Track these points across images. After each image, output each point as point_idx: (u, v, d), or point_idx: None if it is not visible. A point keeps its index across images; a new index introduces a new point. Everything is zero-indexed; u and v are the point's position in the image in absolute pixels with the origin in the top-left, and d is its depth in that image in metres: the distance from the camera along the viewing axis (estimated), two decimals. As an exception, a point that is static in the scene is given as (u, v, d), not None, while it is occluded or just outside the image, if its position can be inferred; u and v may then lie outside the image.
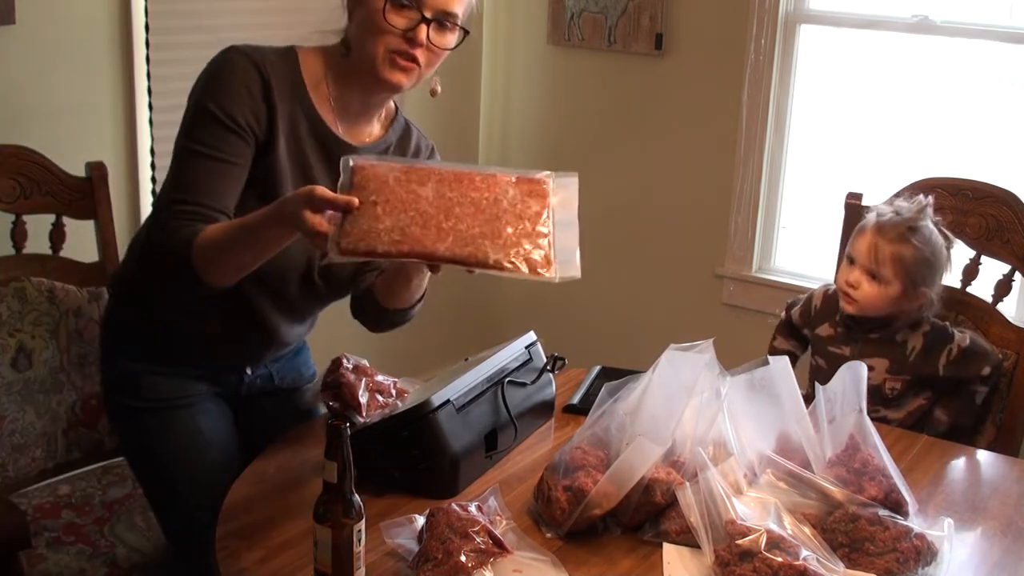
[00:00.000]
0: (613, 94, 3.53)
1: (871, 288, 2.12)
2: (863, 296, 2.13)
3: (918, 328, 2.14)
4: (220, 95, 1.69)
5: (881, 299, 2.12)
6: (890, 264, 2.10)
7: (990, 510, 1.74)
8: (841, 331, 2.21)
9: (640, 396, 1.65)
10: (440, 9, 1.71)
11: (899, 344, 2.14)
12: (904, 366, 2.13)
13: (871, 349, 2.15)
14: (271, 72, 1.74)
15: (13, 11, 2.31)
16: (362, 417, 1.79)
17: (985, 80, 2.99)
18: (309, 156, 1.79)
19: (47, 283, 2.20)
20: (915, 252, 2.10)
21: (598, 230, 3.65)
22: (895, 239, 2.11)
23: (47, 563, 1.97)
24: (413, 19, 1.70)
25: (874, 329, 2.16)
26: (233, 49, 1.74)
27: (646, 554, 1.56)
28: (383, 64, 1.72)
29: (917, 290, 2.11)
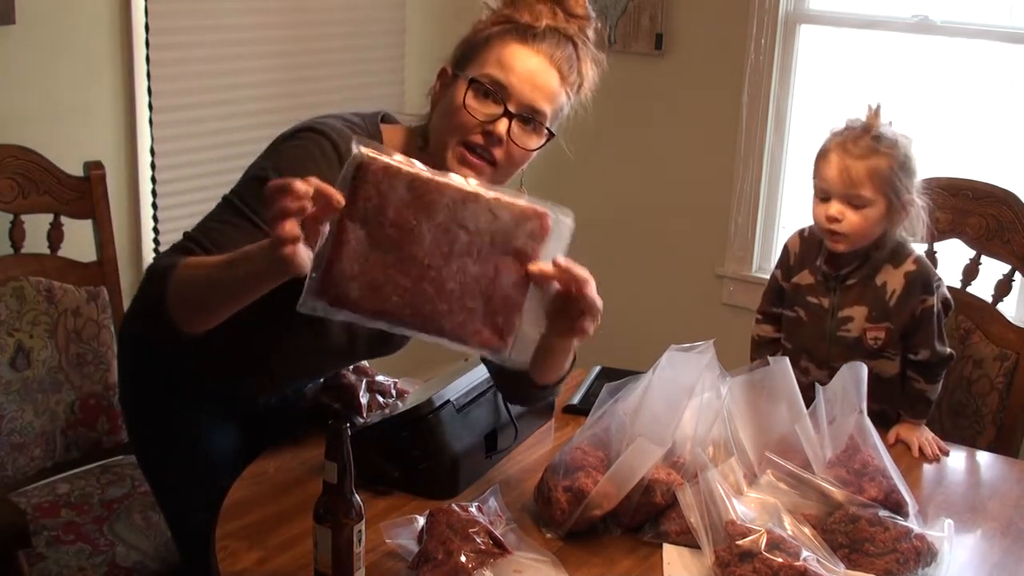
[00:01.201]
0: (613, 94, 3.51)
1: (856, 216, 1.93)
2: (849, 227, 1.93)
3: (899, 264, 1.98)
4: (287, 169, 1.47)
5: (869, 224, 1.94)
6: (868, 182, 1.91)
7: (990, 511, 1.74)
8: (820, 278, 2.04)
9: (640, 397, 1.65)
10: (527, 104, 1.58)
11: (879, 288, 1.98)
12: (884, 312, 1.98)
13: (850, 297, 2.00)
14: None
15: (13, 11, 2.30)
16: (362, 417, 1.80)
17: (985, 80, 2.99)
18: None
19: (45, 282, 2.20)
20: (889, 160, 1.92)
21: (598, 230, 3.65)
22: (865, 153, 1.93)
23: (46, 562, 1.97)
24: (495, 112, 1.56)
25: (852, 273, 1.99)
26: (323, 131, 1.58)
27: (646, 554, 1.55)
28: (454, 159, 1.57)
29: (902, 200, 1.94)
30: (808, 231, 2.10)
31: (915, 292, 1.97)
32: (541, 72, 1.59)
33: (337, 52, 3.14)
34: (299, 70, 3.00)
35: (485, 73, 1.57)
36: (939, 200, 2.30)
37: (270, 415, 1.92)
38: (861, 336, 2.00)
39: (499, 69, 1.57)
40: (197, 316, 1.45)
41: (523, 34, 1.59)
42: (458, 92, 1.58)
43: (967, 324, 2.27)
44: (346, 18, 3.16)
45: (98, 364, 2.24)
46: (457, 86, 1.59)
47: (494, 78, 1.57)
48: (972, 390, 2.24)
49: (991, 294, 2.29)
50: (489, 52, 1.59)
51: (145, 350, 1.84)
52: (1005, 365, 2.21)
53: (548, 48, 1.60)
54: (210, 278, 1.42)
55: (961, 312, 2.28)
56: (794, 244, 2.11)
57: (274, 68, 2.96)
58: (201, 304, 1.44)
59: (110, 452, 2.29)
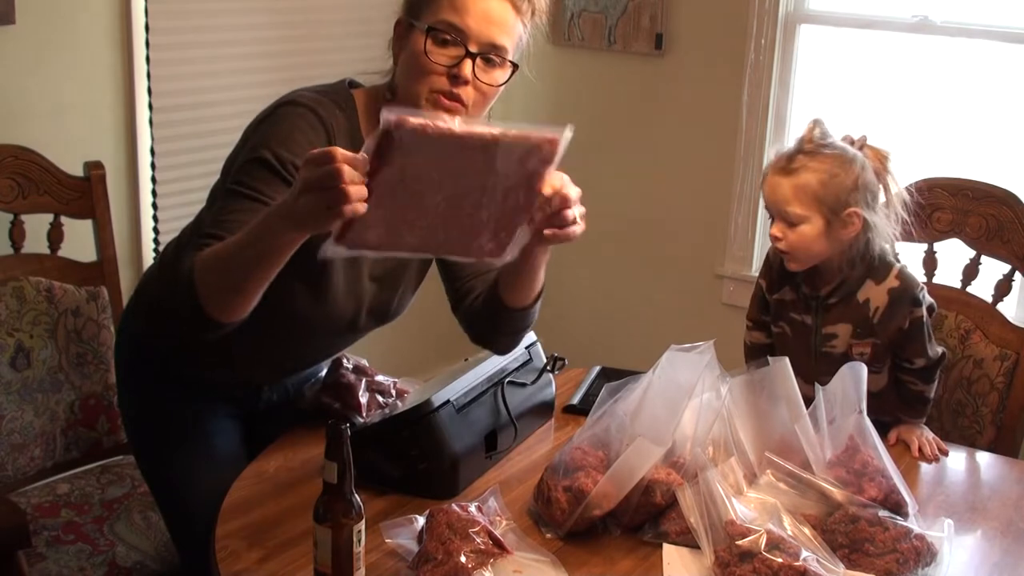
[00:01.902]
0: (613, 94, 3.53)
1: (794, 234, 1.90)
2: (791, 246, 1.91)
3: (883, 281, 1.94)
4: (279, 145, 1.57)
5: (807, 241, 1.90)
6: (795, 199, 1.88)
7: (990, 511, 1.74)
8: (801, 296, 2.01)
9: (640, 397, 1.65)
10: (487, 42, 1.59)
11: (861, 305, 1.94)
12: (868, 328, 1.95)
13: (833, 315, 1.97)
14: (335, 126, 1.63)
15: (13, 11, 2.30)
16: (362, 417, 1.80)
17: (985, 80, 2.98)
18: None
19: (45, 282, 2.20)
20: (817, 175, 1.88)
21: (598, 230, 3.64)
22: (790, 170, 1.89)
23: (46, 562, 1.97)
24: (457, 55, 1.58)
25: (832, 293, 1.96)
26: (300, 103, 1.62)
27: (646, 555, 1.55)
28: (428, 107, 1.60)
29: (843, 215, 1.88)
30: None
31: (902, 307, 1.94)
32: (495, 8, 1.60)
33: (337, 52, 3.14)
34: (298, 69, 3.00)
35: (440, 19, 1.58)
36: (939, 200, 2.31)
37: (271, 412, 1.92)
38: (847, 352, 1.97)
39: (453, 13, 1.58)
40: (232, 302, 1.45)
41: None
42: (417, 42, 1.60)
43: (967, 324, 2.27)
44: (346, 18, 3.16)
45: (98, 364, 2.24)
46: (414, 36, 1.61)
47: (450, 22, 1.58)
48: (972, 390, 2.24)
49: (991, 294, 2.29)
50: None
51: (145, 348, 1.84)
52: (1005, 365, 2.21)
53: None
54: (236, 258, 1.43)
55: (961, 312, 2.28)
56: (774, 257, 2.06)
57: (274, 68, 2.96)
58: (234, 288, 1.44)
59: (110, 452, 2.29)
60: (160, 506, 1.92)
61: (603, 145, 3.57)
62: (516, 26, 1.64)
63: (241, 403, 1.88)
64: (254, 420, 1.90)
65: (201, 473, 1.81)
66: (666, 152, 3.46)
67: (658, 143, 3.47)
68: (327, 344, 1.83)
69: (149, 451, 1.88)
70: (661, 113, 3.44)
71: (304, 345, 1.80)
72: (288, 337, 1.74)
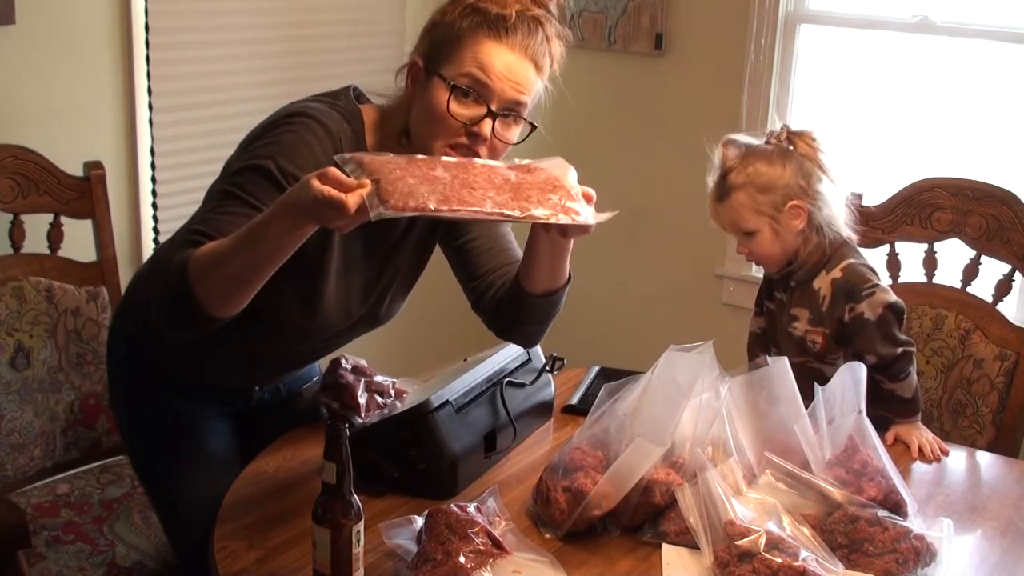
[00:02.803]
0: (613, 94, 3.53)
1: (753, 244, 2.03)
2: (757, 257, 2.05)
3: (831, 272, 2.00)
4: (284, 157, 1.54)
5: (767, 246, 2.02)
6: (738, 218, 2.01)
7: (989, 511, 1.74)
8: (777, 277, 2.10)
9: (640, 397, 1.65)
10: (508, 101, 1.59)
11: (815, 292, 2.02)
12: (818, 317, 2.02)
13: (795, 298, 2.05)
14: (343, 139, 1.61)
15: (13, 11, 2.30)
16: (361, 418, 1.79)
17: (985, 80, 2.98)
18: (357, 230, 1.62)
19: (45, 282, 2.20)
20: (746, 191, 1.99)
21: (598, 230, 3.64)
22: (722, 197, 2.02)
23: (46, 562, 1.97)
24: (478, 113, 1.57)
25: (792, 276, 2.05)
26: (311, 114, 1.60)
27: (645, 555, 1.55)
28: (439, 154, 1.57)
29: (784, 210, 1.97)
30: None
31: (839, 300, 1.99)
32: (518, 67, 1.59)
33: (337, 52, 3.14)
34: (299, 70, 3.00)
35: (464, 74, 1.57)
36: (939, 200, 2.31)
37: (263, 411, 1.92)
38: (804, 336, 2.05)
39: (478, 69, 1.57)
40: (230, 296, 1.44)
41: (496, 28, 1.58)
42: (438, 95, 1.57)
43: (967, 324, 2.27)
44: (346, 18, 3.16)
45: (98, 364, 2.24)
46: (435, 88, 1.58)
47: (475, 79, 1.56)
48: (972, 390, 2.24)
49: (991, 294, 2.29)
50: (464, 50, 1.58)
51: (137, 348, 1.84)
52: (1005, 365, 2.21)
53: (522, 40, 1.60)
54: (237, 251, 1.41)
55: (961, 312, 2.28)
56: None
57: (274, 68, 2.96)
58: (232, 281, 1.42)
59: (110, 452, 2.29)
60: (155, 507, 1.93)
61: (603, 145, 3.56)
62: (536, 84, 1.63)
63: (233, 403, 1.88)
64: (246, 419, 1.91)
65: (194, 473, 1.81)
66: (666, 152, 3.46)
67: (658, 143, 3.47)
68: (319, 347, 1.83)
69: (142, 452, 1.88)
70: (661, 113, 3.44)
71: (296, 347, 1.80)
72: (280, 340, 1.74)
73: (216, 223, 1.49)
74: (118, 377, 1.90)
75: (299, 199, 1.33)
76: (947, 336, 2.27)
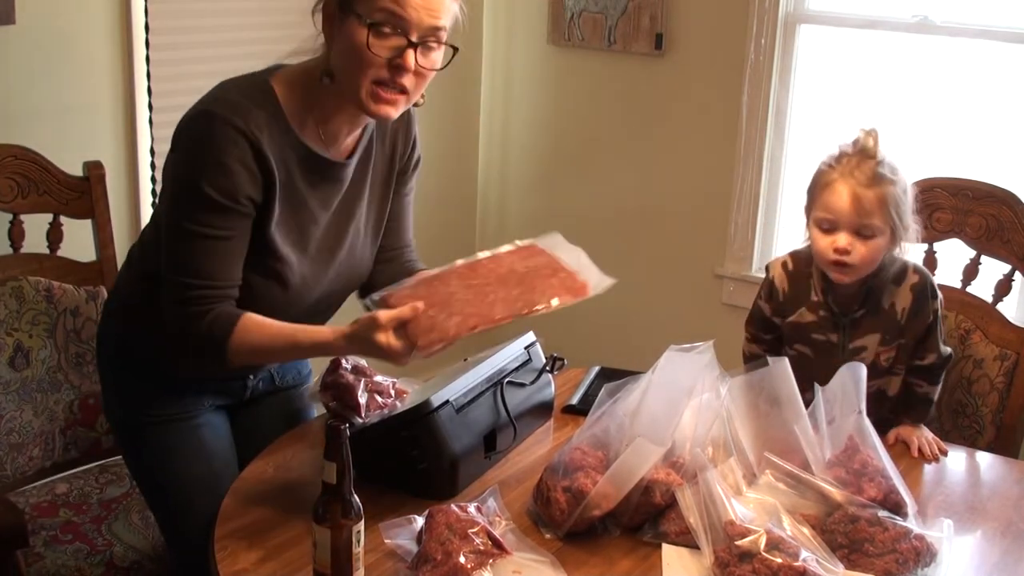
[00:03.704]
0: (613, 94, 3.53)
1: (864, 247, 1.87)
2: (858, 259, 1.87)
3: (902, 281, 1.94)
4: (215, 176, 1.60)
5: (877, 253, 1.89)
6: (879, 211, 1.85)
7: (989, 511, 1.74)
8: (825, 315, 1.97)
9: (640, 397, 1.65)
10: (426, 27, 1.59)
11: (887, 311, 1.94)
12: (896, 331, 1.94)
13: (862, 328, 1.96)
14: (258, 132, 1.63)
15: (13, 11, 2.30)
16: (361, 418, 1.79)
17: (985, 80, 2.98)
18: (301, 190, 1.72)
19: (45, 282, 2.20)
20: (894, 187, 1.87)
21: (598, 230, 3.64)
22: (873, 181, 1.86)
23: (44, 562, 1.97)
24: (398, 45, 1.59)
25: (861, 305, 1.95)
26: (215, 119, 1.62)
27: (645, 555, 1.55)
28: (368, 98, 1.62)
29: (904, 226, 1.89)
30: (792, 264, 2.02)
31: (926, 300, 1.94)
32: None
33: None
34: (299, 70, 3.00)
35: (379, 8, 1.57)
36: (939, 200, 2.31)
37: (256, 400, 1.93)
38: (875, 359, 1.96)
39: (392, 2, 1.57)
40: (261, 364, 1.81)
41: None
42: (356, 33, 1.59)
43: (967, 324, 2.27)
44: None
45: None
46: (352, 26, 1.59)
47: (391, 12, 1.57)
48: (972, 390, 2.24)
49: (991, 294, 2.29)
50: None
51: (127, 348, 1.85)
52: (1005, 365, 2.21)
53: None
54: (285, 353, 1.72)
55: (961, 312, 2.28)
56: (780, 280, 2.03)
57: (274, 68, 2.95)
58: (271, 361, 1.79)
59: (109, 452, 2.29)
60: (152, 505, 1.92)
61: (603, 145, 3.56)
62: (452, 6, 1.64)
63: (228, 393, 1.89)
64: (241, 411, 1.92)
65: (191, 467, 1.82)
66: (666, 152, 3.46)
67: (658, 143, 3.47)
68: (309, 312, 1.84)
69: (138, 450, 1.89)
70: (661, 113, 3.44)
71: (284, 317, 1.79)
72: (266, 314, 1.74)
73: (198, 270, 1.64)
74: (110, 378, 1.91)
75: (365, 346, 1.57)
76: (947, 336, 2.26)
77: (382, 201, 1.88)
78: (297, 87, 1.70)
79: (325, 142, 1.73)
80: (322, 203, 1.75)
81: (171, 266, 1.66)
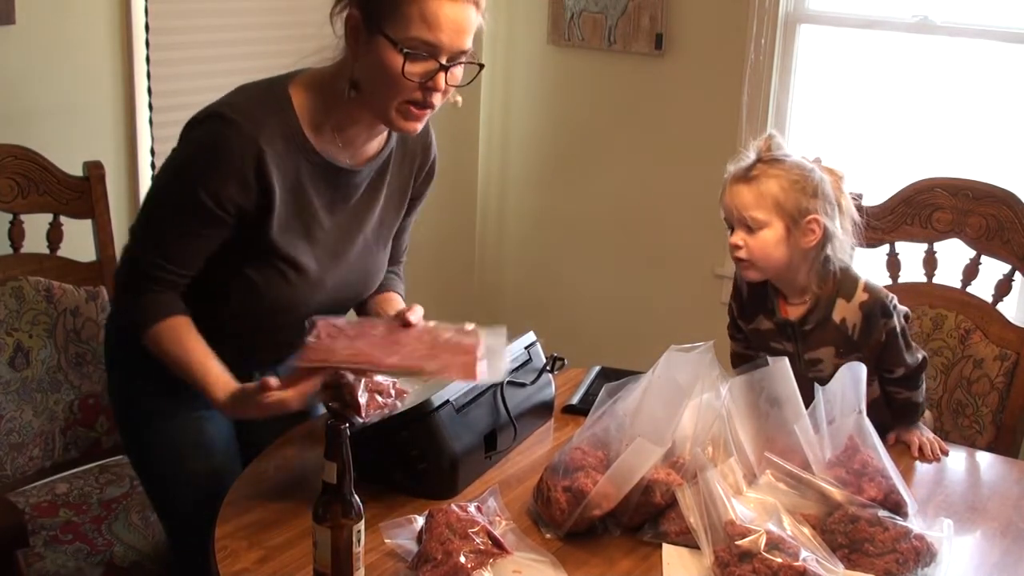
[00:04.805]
0: (613, 94, 3.53)
1: (754, 240, 1.88)
2: (751, 253, 1.89)
3: (851, 298, 1.92)
4: (209, 180, 1.63)
5: (770, 246, 1.88)
6: (757, 204, 1.88)
7: (989, 511, 1.74)
8: (777, 326, 1.99)
9: (640, 397, 1.65)
10: (455, 50, 1.61)
11: (838, 325, 1.92)
12: (850, 346, 1.93)
13: (813, 340, 1.95)
14: (267, 142, 1.64)
15: (13, 11, 2.30)
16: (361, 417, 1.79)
17: (985, 80, 2.98)
18: (311, 196, 1.72)
19: (44, 282, 2.20)
20: (778, 181, 1.88)
21: (598, 230, 3.65)
22: (753, 178, 1.89)
23: (44, 562, 1.97)
24: (430, 69, 1.61)
25: (806, 318, 1.94)
26: (226, 123, 1.63)
27: (645, 555, 1.55)
28: (397, 117, 1.65)
29: (803, 221, 1.87)
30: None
31: (875, 319, 1.92)
32: (462, 15, 1.60)
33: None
34: (299, 70, 3.00)
35: (414, 36, 1.58)
36: (939, 200, 2.31)
37: None
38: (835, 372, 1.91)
39: (426, 29, 1.58)
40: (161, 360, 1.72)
41: None
42: (389, 57, 1.60)
43: (967, 324, 2.27)
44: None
45: (97, 364, 2.24)
46: (383, 48, 1.60)
47: (424, 40, 1.58)
48: (972, 390, 2.24)
49: (991, 294, 2.29)
50: (407, 6, 1.58)
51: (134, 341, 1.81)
52: (1005, 365, 2.21)
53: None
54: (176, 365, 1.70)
55: (961, 312, 2.28)
56: (742, 281, 2.04)
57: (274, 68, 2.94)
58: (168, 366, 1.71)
59: (109, 452, 2.29)
60: (152, 496, 1.92)
61: (603, 145, 3.56)
62: (477, 19, 1.64)
63: None
64: None
65: (193, 459, 1.82)
66: (666, 152, 3.46)
67: (658, 143, 3.47)
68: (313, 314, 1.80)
69: (142, 448, 1.88)
70: (661, 113, 3.44)
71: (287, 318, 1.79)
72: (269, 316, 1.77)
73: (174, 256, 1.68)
74: (115, 374, 1.91)
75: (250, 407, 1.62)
76: (947, 336, 2.27)
77: (396, 210, 1.88)
78: (315, 94, 1.71)
79: (342, 148, 1.74)
80: (331, 209, 1.75)
81: (139, 232, 1.73)
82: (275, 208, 1.68)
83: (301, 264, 1.73)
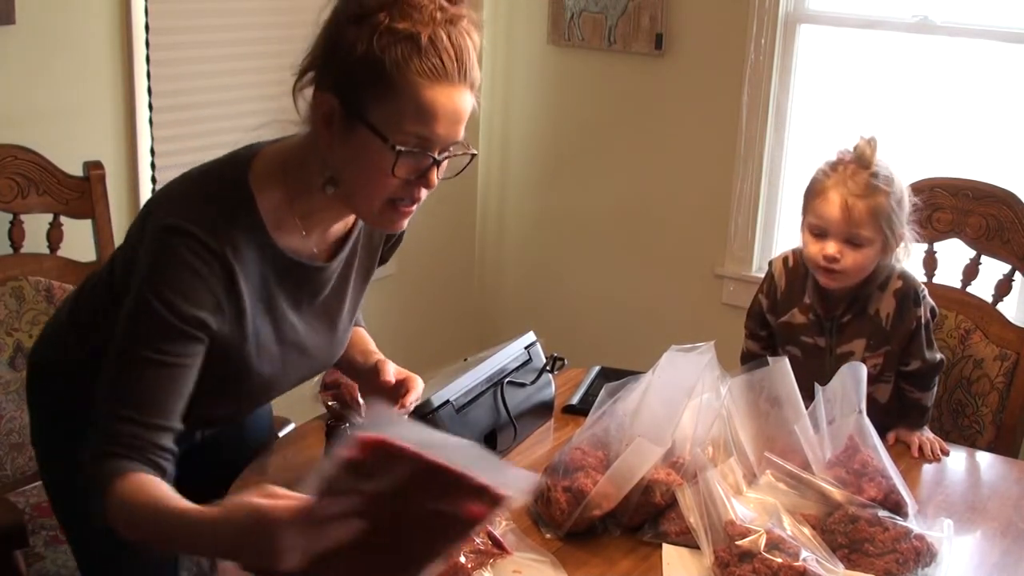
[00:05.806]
0: (613, 94, 3.53)
1: (855, 255, 1.88)
2: (848, 267, 1.89)
3: (886, 287, 1.94)
4: (177, 297, 1.38)
5: (867, 262, 1.90)
6: (870, 221, 1.86)
7: (989, 511, 1.74)
8: (813, 318, 1.99)
9: (640, 397, 1.65)
10: (448, 143, 1.42)
11: (873, 317, 1.95)
12: (882, 338, 1.95)
13: (847, 334, 1.97)
14: (231, 250, 1.43)
15: (13, 11, 2.30)
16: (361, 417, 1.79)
17: (985, 80, 2.98)
18: (279, 300, 1.53)
19: (44, 282, 2.20)
20: (887, 197, 1.87)
21: (598, 230, 3.65)
22: (865, 191, 1.86)
23: (44, 562, 1.97)
24: (423, 164, 1.41)
25: (845, 311, 1.96)
26: (182, 235, 1.40)
27: (646, 555, 1.55)
28: (381, 216, 1.46)
29: (896, 235, 1.90)
30: (792, 261, 2.04)
31: (908, 307, 1.94)
32: (459, 103, 1.40)
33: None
34: (299, 70, 3.00)
35: (408, 132, 1.38)
36: (939, 200, 2.31)
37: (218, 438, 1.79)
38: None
39: (422, 123, 1.38)
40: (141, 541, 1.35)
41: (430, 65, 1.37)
42: (375, 153, 1.39)
43: (967, 324, 2.27)
44: (346, 18, 3.15)
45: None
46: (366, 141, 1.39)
47: (420, 135, 1.39)
48: (972, 390, 2.24)
49: (991, 294, 2.29)
50: (399, 100, 1.37)
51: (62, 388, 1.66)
52: (1005, 365, 2.21)
53: (457, 67, 1.39)
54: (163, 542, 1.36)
55: (961, 312, 2.28)
56: (780, 274, 2.05)
57: (274, 68, 2.95)
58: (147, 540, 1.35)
59: (109, 452, 2.28)
60: None
61: (603, 145, 3.56)
62: (472, 106, 1.44)
63: None
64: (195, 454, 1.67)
65: None
66: (666, 152, 3.46)
67: (658, 143, 3.47)
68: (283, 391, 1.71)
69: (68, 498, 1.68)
70: (661, 113, 3.44)
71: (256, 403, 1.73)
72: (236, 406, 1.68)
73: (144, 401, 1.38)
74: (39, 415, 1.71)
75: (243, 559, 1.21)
76: (947, 336, 2.27)
77: (364, 283, 1.71)
78: (276, 181, 1.49)
79: (306, 236, 1.53)
80: (299, 307, 1.57)
81: (111, 391, 1.41)
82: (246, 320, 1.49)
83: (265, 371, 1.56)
